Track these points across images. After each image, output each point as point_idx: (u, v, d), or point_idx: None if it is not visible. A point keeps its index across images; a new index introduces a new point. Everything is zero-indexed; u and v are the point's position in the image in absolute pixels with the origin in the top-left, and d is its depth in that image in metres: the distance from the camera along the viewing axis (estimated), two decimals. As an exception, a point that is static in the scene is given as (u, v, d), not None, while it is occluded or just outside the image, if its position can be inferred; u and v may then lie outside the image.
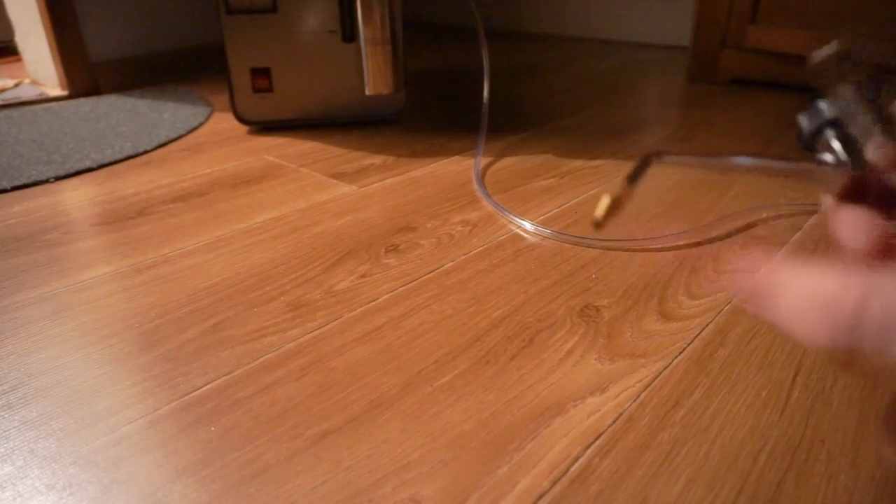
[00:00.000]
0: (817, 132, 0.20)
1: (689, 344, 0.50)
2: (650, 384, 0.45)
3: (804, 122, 0.21)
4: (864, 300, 0.16)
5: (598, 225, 0.18)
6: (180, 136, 1.04)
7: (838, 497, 0.36)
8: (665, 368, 0.47)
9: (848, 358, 0.16)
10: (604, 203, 0.18)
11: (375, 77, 0.91)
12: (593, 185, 0.81)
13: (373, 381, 0.46)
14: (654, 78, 1.41)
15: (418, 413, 0.43)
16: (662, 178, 0.83)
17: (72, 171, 0.88)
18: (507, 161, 0.90)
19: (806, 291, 0.16)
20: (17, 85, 1.39)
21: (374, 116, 1.07)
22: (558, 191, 0.79)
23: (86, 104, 1.23)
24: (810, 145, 0.21)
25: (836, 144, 0.20)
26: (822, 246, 0.64)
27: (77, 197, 0.82)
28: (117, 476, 0.38)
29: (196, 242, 0.68)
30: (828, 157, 0.20)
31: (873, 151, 0.19)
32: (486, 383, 0.46)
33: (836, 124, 0.20)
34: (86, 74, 1.31)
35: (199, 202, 0.78)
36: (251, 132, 1.05)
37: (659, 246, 0.65)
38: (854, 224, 0.21)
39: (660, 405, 0.43)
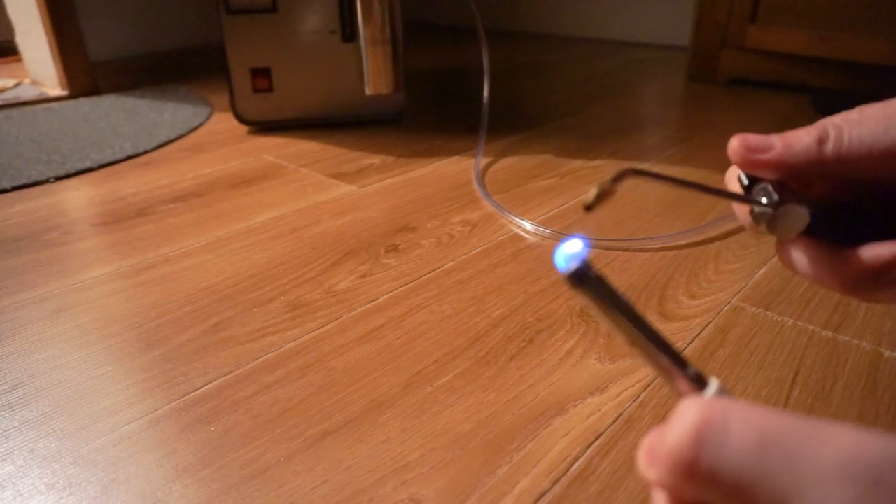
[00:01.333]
0: (752, 183, 0.26)
1: (689, 344, 0.50)
2: (650, 384, 0.45)
3: (742, 178, 0.26)
4: None
5: (589, 208, 0.21)
6: (180, 136, 1.04)
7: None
8: (665, 368, 0.47)
9: None
10: (593, 192, 0.21)
11: (375, 77, 0.91)
12: (593, 185, 0.81)
13: (373, 381, 0.46)
14: (654, 78, 1.41)
15: (418, 413, 0.43)
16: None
17: (72, 171, 0.88)
18: (507, 161, 0.90)
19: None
20: (17, 85, 1.39)
21: (374, 116, 1.07)
22: (558, 191, 0.79)
23: (86, 104, 1.23)
24: (748, 192, 0.26)
25: (770, 188, 0.25)
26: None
27: (77, 197, 0.82)
28: (117, 476, 0.38)
29: (196, 242, 0.68)
30: (764, 199, 0.25)
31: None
32: (486, 383, 0.46)
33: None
34: (86, 74, 1.31)
35: (199, 202, 0.78)
36: (251, 132, 1.05)
37: (659, 246, 0.65)
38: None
39: (660, 405, 0.43)
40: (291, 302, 0.56)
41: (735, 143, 0.25)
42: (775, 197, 0.24)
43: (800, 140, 0.24)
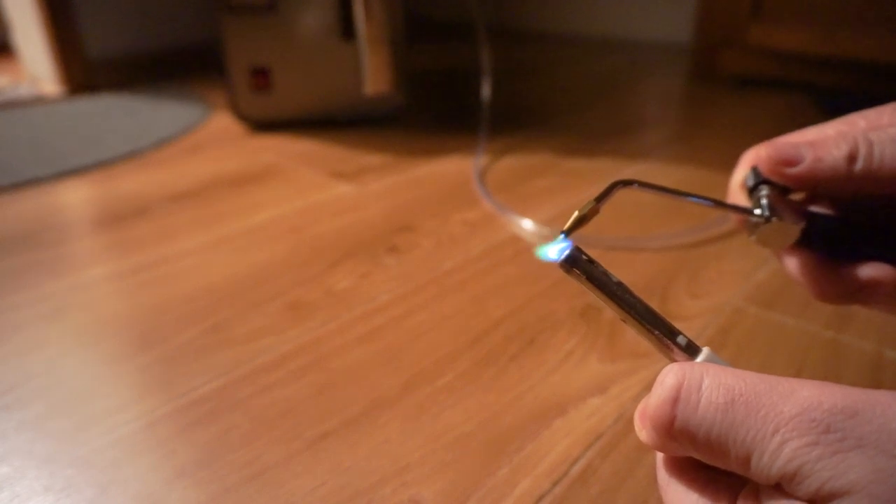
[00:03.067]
0: (755, 187, 0.26)
1: (690, 344, 0.49)
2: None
3: (749, 178, 0.27)
4: None
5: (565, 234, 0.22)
6: (179, 135, 1.03)
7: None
8: (666, 369, 0.47)
9: None
10: (573, 217, 0.22)
11: (374, 76, 0.91)
12: (594, 184, 0.81)
13: (372, 381, 0.46)
14: (655, 77, 1.40)
15: (418, 414, 0.43)
16: (664, 177, 0.83)
17: (69, 170, 0.88)
18: (507, 161, 0.90)
19: None
20: (14, 83, 1.39)
21: (374, 115, 1.06)
22: (558, 191, 0.79)
23: (83, 103, 1.23)
24: (750, 195, 0.27)
25: (764, 201, 0.25)
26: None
27: (75, 196, 0.81)
28: (115, 477, 0.38)
29: (195, 242, 0.67)
30: (757, 211, 0.25)
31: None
32: (487, 384, 0.45)
33: (769, 183, 0.26)
34: (83, 72, 1.31)
35: (197, 202, 0.78)
36: (250, 131, 1.05)
37: (660, 246, 0.65)
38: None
39: (661, 406, 0.43)
40: (290, 302, 0.56)
41: (764, 153, 0.25)
42: (767, 213, 0.25)
43: (829, 154, 0.23)
